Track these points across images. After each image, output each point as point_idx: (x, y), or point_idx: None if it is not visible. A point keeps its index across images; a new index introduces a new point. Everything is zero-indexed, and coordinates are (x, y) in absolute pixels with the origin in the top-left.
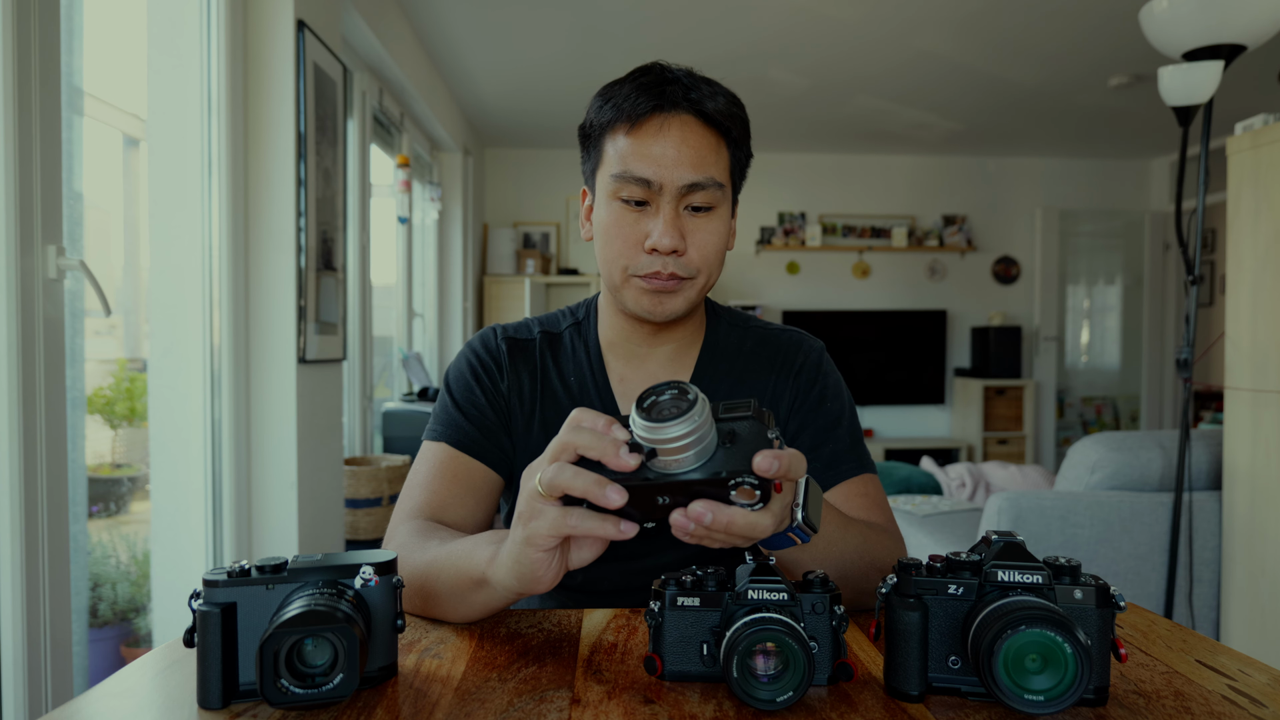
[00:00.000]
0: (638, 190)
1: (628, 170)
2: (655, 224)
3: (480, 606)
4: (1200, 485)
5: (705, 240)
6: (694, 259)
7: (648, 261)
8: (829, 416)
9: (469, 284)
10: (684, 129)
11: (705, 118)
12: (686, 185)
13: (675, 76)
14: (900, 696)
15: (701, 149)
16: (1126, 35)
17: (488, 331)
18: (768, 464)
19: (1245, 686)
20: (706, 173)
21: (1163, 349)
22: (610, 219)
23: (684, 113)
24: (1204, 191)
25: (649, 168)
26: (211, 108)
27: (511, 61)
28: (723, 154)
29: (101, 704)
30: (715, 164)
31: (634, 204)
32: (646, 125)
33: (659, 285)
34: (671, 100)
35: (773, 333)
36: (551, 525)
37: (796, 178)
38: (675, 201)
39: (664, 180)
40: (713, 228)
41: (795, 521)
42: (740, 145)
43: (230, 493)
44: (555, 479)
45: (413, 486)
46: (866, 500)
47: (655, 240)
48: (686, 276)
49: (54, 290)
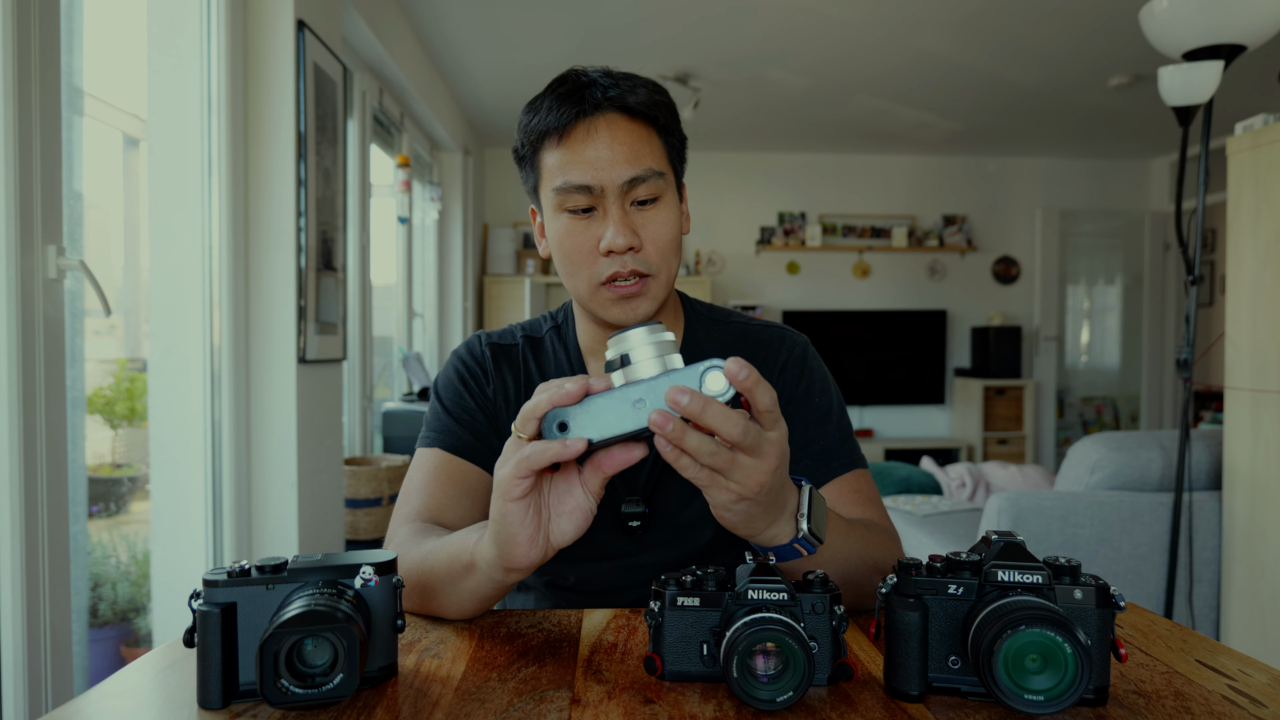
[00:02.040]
0: (581, 198)
1: (567, 181)
2: (605, 226)
3: (471, 593)
4: (1200, 485)
5: (658, 232)
6: (650, 253)
7: (606, 265)
8: (818, 412)
9: (469, 284)
10: (611, 128)
11: (630, 111)
12: (627, 181)
13: (592, 79)
14: (900, 696)
15: (633, 143)
16: (1126, 35)
17: (472, 339)
18: (737, 367)
19: (1245, 686)
20: (644, 165)
21: (1163, 349)
22: (562, 232)
23: (607, 111)
24: (1204, 191)
25: (587, 173)
26: (211, 108)
27: (511, 61)
28: (655, 143)
29: (101, 704)
30: (650, 154)
31: (581, 212)
32: (574, 132)
33: (624, 291)
34: (592, 102)
35: (755, 328)
36: (515, 463)
37: (796, 178)
38: (620, 200)
39: (604, 182)
40: (662, 218)
41: (800, 533)
42: (671, 131)
43: (230, 493)
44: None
45: (409, 492)
46: (860, 497)
47: (609, 241)
48: (647, 273)
49: (54, 290)
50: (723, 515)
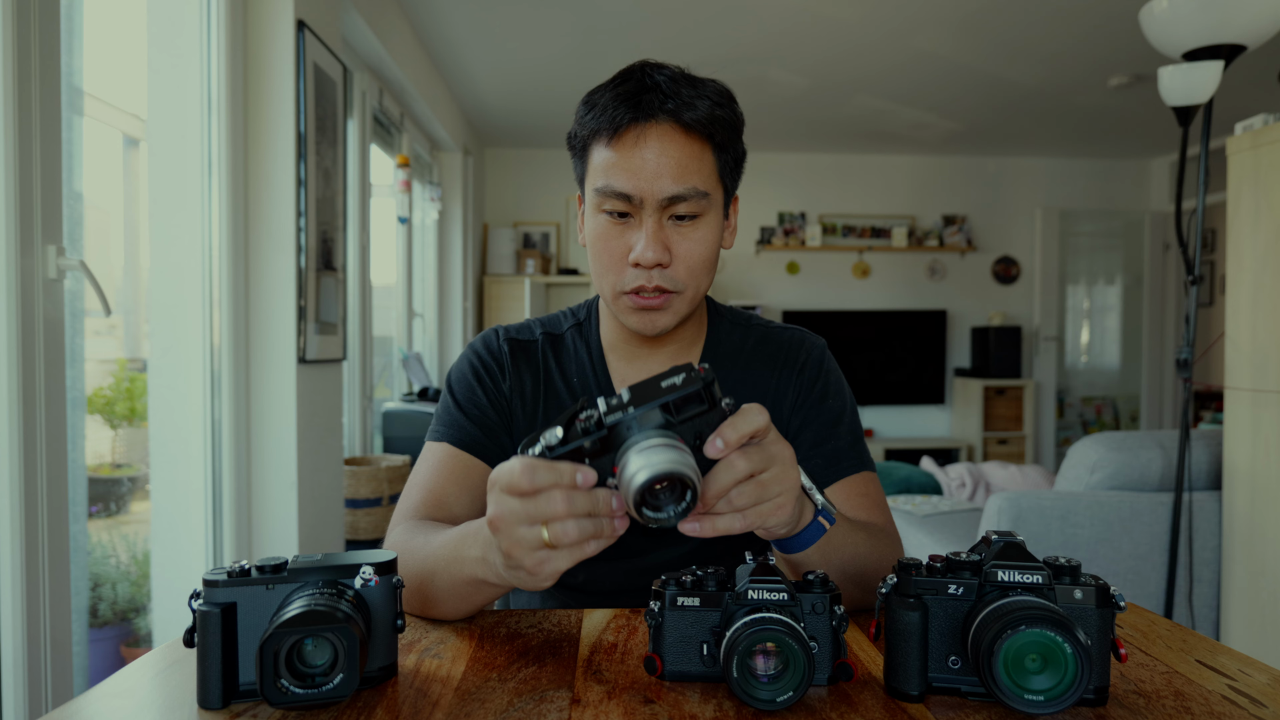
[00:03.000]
0: (619, 204)
1: (609, 184)
2: (638, 237)
3: (483, 602)
4: (1200, 485)
5: (691, 250)
6: (679, 272)
7: (633, 275)
8: (831, 414)
9: (469, 284)
10: (662, 139)
11: (685, 125)
12: (668, 198)
13: (655, 83)
14: (900, 696)
15: (682, 158)
16: (1126, 35)
17: (489, 333)
18: (723, 444)
19: (1245, 686)
20: (688, 183)
21: (1163, 349)
22: (597, 231)
23: (662, 122)
24: (1204, 191)
25: (629, 181)
26: (211, 108)
27: (511, 61)
28: (707, 160)
29: (101, 704)
30: (698, 172)
31: (617, 216)
32: (625, 137)
33: (646, 303)
34: (648, 110)
35: (774, 331)
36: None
37: (796, 178)
38: (657, 214)
39: (644, 193)
40: (699, 236)
41: (818, 505)
42: (727, 148)
43: (230, 493)
44: (570, 535)
45: (412, 486)
46: (866, 500)
47: (638, 254)
48: (673, 290)
49: (54, 290)
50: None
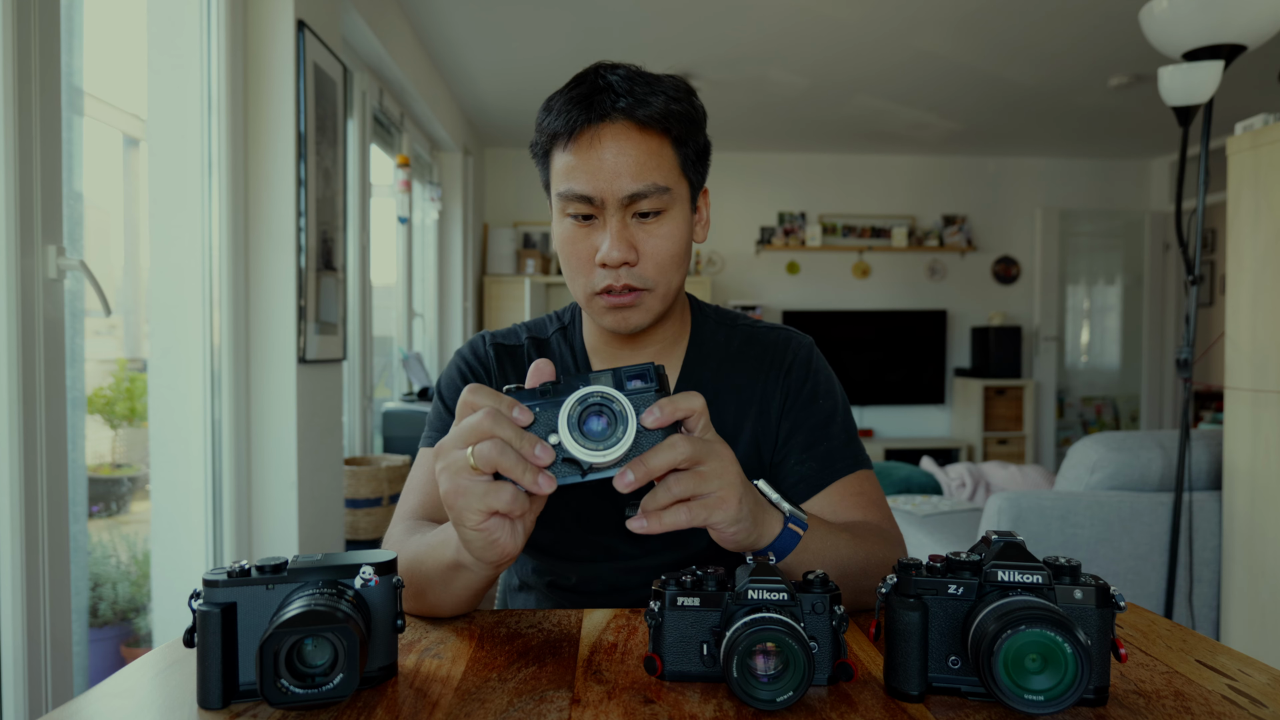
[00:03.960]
0: (582, 206)
1: (570, 188)
2: (603, 237)
3: (464, 590)
4: (1200, 485)
5: (658, 247)
6: (648, 269)
7: (602, 276)
8: (822, 414)
9: (469, 284)
10: (618, 138)
11: (640, 122)
12: (628, 196)
13: (608, 83)
14: (900, 696)
15: (639, 155)
16: (1126, 35)
17: (476, 339)
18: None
19: (1245, 686)
20: (648, 179)
21: (1163, 349)
22: (564, 235)
23: (616, 120)
24: (1204, 191)
25: (588, 182)
26: (211, 108)
27: (511, 61)
28: (666, 155)
29: (101, 704)
30: (657, 168)
31: (581, 219)
32: (580, 139)
33: (617, 301)
34: (600, 110)
35: (760, 331)
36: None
37: (796, 178)
38: (620, 213)
39: (604, 193)
40: (664, 232)
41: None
42: (686, 141)
43: (230, 493)
44: (489, 456)
45: (408, 491)
46: (863, 499)
47: (603, 254)
48: (643, 288)
49: (54, 290)
50: (727, 534)
